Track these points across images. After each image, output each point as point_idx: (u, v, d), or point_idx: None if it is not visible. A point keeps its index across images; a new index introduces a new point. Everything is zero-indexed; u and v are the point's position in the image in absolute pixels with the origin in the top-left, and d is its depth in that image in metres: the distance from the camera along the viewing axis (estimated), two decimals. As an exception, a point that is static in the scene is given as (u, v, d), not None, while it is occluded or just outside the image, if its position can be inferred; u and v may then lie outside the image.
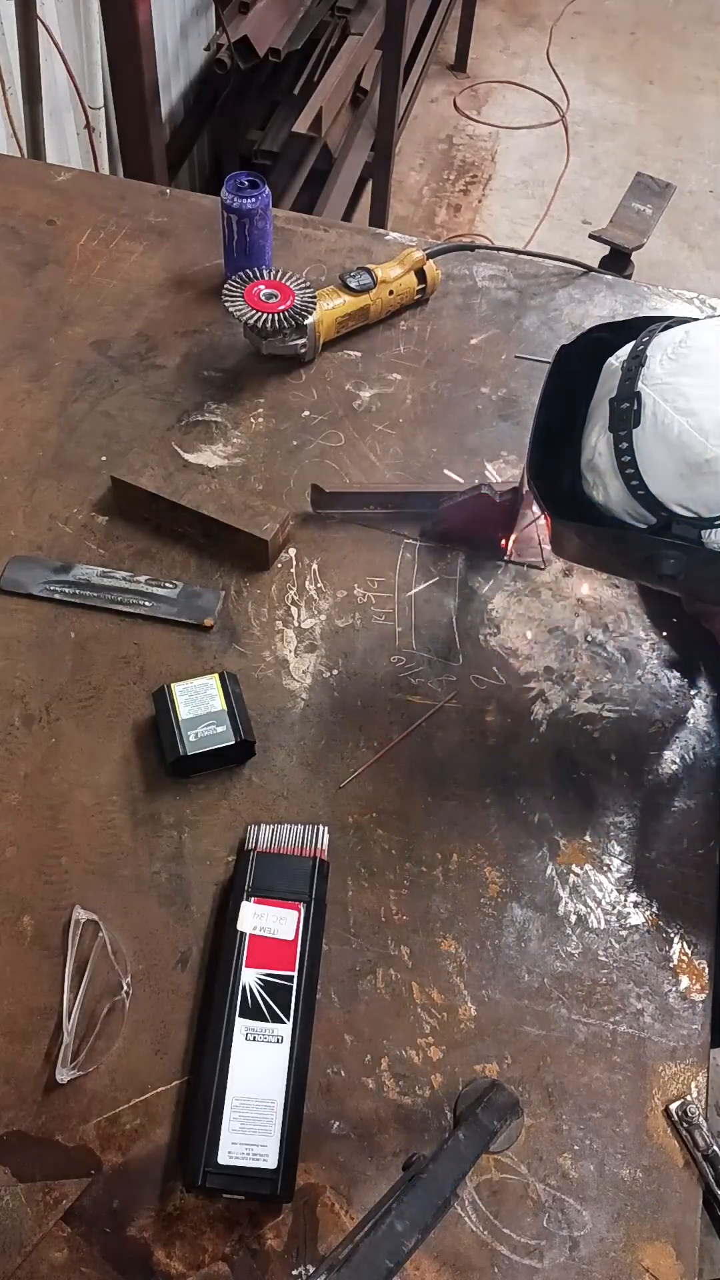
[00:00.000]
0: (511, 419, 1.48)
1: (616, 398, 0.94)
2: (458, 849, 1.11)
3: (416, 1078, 0.98)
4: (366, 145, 3.18)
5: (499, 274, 1.66)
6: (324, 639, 1.25)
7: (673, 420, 0.90)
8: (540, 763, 1.17)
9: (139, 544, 1.32)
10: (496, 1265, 0.90)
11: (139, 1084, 0.96)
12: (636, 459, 0.93)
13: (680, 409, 0.90)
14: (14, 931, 1.03)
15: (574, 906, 1.08)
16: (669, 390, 0.91)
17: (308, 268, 1.63)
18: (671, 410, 0.90)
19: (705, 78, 4.37)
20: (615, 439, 0.94)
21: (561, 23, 4.56)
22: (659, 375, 0.92)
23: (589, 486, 0.99)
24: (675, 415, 0.90)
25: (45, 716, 1.17)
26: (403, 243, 1.66)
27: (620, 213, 1.80)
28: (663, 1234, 0.92)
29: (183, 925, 1.05)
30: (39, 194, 1.72)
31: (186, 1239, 0.90)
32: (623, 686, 1.23)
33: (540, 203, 3.81)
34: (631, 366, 0.94)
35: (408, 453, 1.43)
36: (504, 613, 1.29)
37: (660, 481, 0.92)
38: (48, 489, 1.36)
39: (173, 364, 1.51)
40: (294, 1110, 0.91)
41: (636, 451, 0.92)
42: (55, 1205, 0.90)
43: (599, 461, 0.96)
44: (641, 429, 0.92)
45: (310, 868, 1.04)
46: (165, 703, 1.14)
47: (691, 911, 1.08)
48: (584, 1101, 0.97)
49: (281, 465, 1.40)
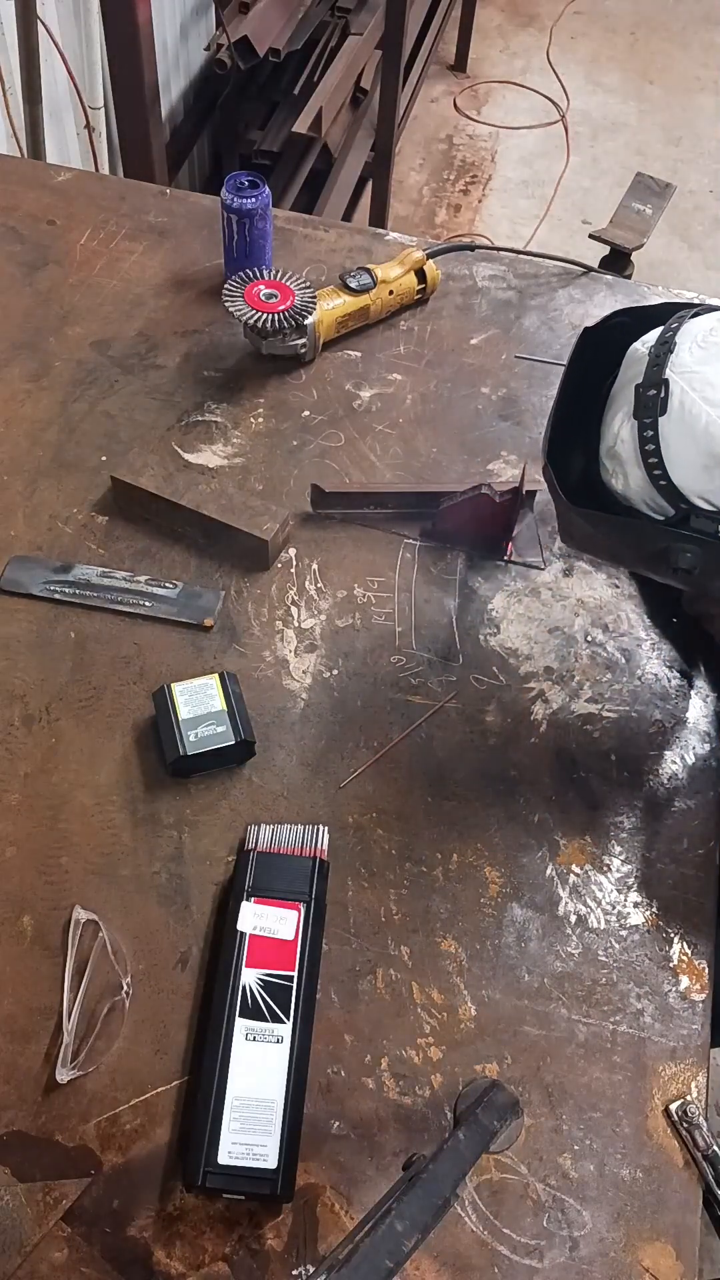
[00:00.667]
0: (511, 419, 1.48)
1: (643, 384, 0.92)
2: (458, 849, 1.11)
3: (416, 1078, 0.98)
4: (366, 145, 3.18)
5: (499, 274, 1.66)
6: (324, 639, 1.25)
7: (701, 410, 0.88)
8: (540, 763, 1.17)
9: (139, 544, 1.32)
10: (496, 1265, 0.90)
11: (139, 1084, 0.96)
12: (661, 448, 0.90)
13: (709, 399, 0.88)
14: (14, 931, 1.03)
15: (574, 906, 1.08)
16: (697, 379, 0.89)
17: (308, 268, 1.63)
18: (700, 400, 0.88)
19: (705, 78, 4.37)
20: (640, 426, 0.91)
21: (561, 23, 4.56)
22: (688, 363, 0.90)
23: (607, 474, 0.97)
24: (703, 405, 0.88)
25: (45, 716, 1.17)
26: (403, 243, 1.66)
27: (620, 213, 1.80)
28: (663, 1234, 0.92)
29: (183, 925, 1.05)
30: (39, 194, 1.72)
31: (186, 1239, 0.90)
32: (623, 686, 1.23)
33: (540, 203, 3.81)
34: (659, 352, 0.92)
35: (408, 453, 1.43)
36: (504, 613, 1.29)
37: (684, 472, 0.90)
38: (48, 489, 1.36)
39: (173, 364, 1.51)
40: (294, 1110, 0.91)
41: (661, 440, 0.90)
42: (55, 1205, 0.90)
43: (621, 449, 0.94)
44: (668, 417, 0.90)
45: (310, 868, 1.04)
46: (165, 703, 1.14)
47: (691, 911, 1.08)
48: (584, 1101, 0.97)
49: (281, 465, 1.40)
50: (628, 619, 1.29)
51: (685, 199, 3.75)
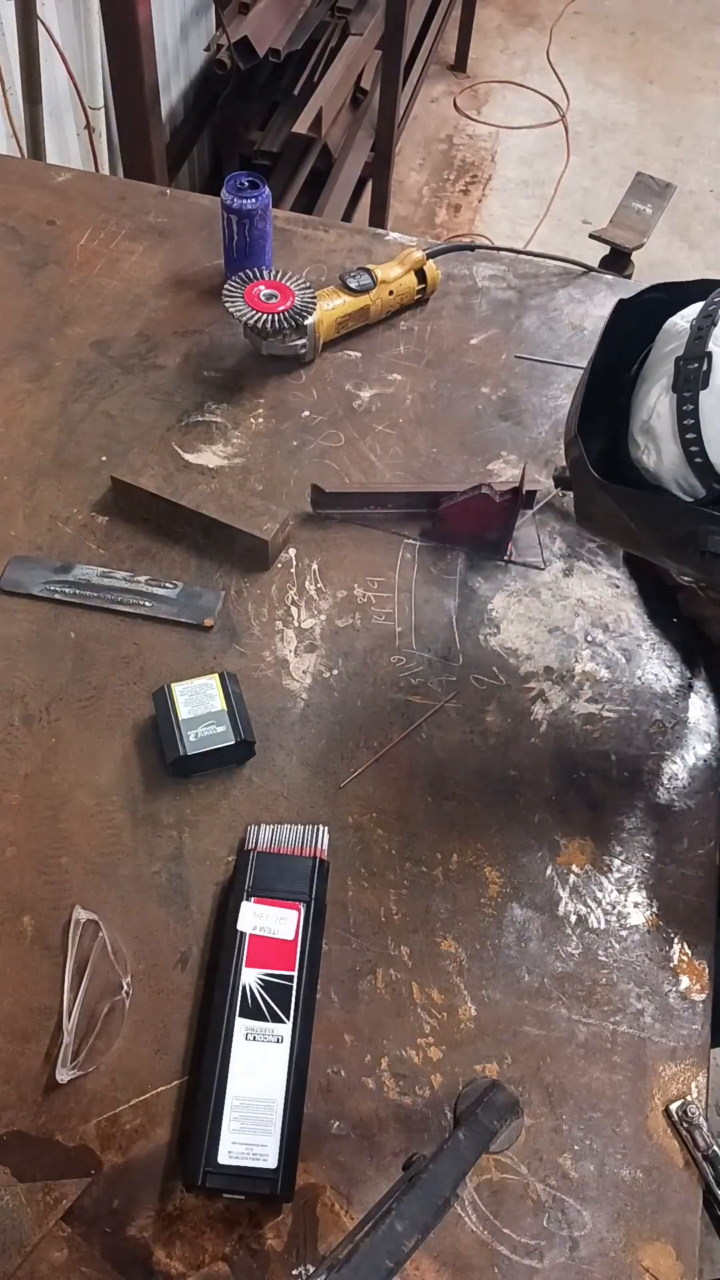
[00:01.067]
0: (511, 419, 1.48)
1: (684, 356, 0.89)
2: (458, 849, 1.11)
3: (416, 1078, 0.98)
4: (366, 145, 3.18)
5: (499, 274, 1.66)
6: (324, 639, 1.25)
7: None
8: (540, 763, 1.17)
9: (139, 544, 1.32)
10: (496, 1265, 0.90)
11: (139, 1084, 0.96)
12: (700, 423, 0.88)
13: None
14: (14, 931, 1.03)
15: (574, 906, 1.08)
16: None
17: (308, 268, 1.63)
18: None
19: (705, 78, 4.37)
20: (679, 400, 0.89)
21: (561, 23, 4.56)
22: None
23: (638, 450, 0.95)
24: None
25: (45, 716, 1.17)
26: (403, 243, 1.66)
27: (620, 213, 1.80)
28: (663, 1234, 0.92)
29: (183, 925, 1.05)
30: (39, 194, 1.72)
31: (186, 1239, 0.90)
32: (623, 686, 1.23)
33: (540, 203, 3.81)
34: (702, 325, 0.89)
35: (408, 453, 1.43)
36: (504, 613, 1.29)
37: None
38: (48, 489, 1.36)
39: (173, 364, 1.51)
40: (294, 1110, 0.91)
41: (701, 415, 0.88)
42: (55, 1205, 0.90)
43: (656, 424, 0.91)
44: (710, 390, 0.87)
45: (310, 868, 1.04)
46: (165, 703, 1.14)
47: (691, 911, 1.08)
48: (584, 1101, 0.97)
49: (281, 465, 1.40)
50: (628, 619, 1.29)
51: (685, 199, 3.75)
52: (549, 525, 1.36)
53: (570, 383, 1.52)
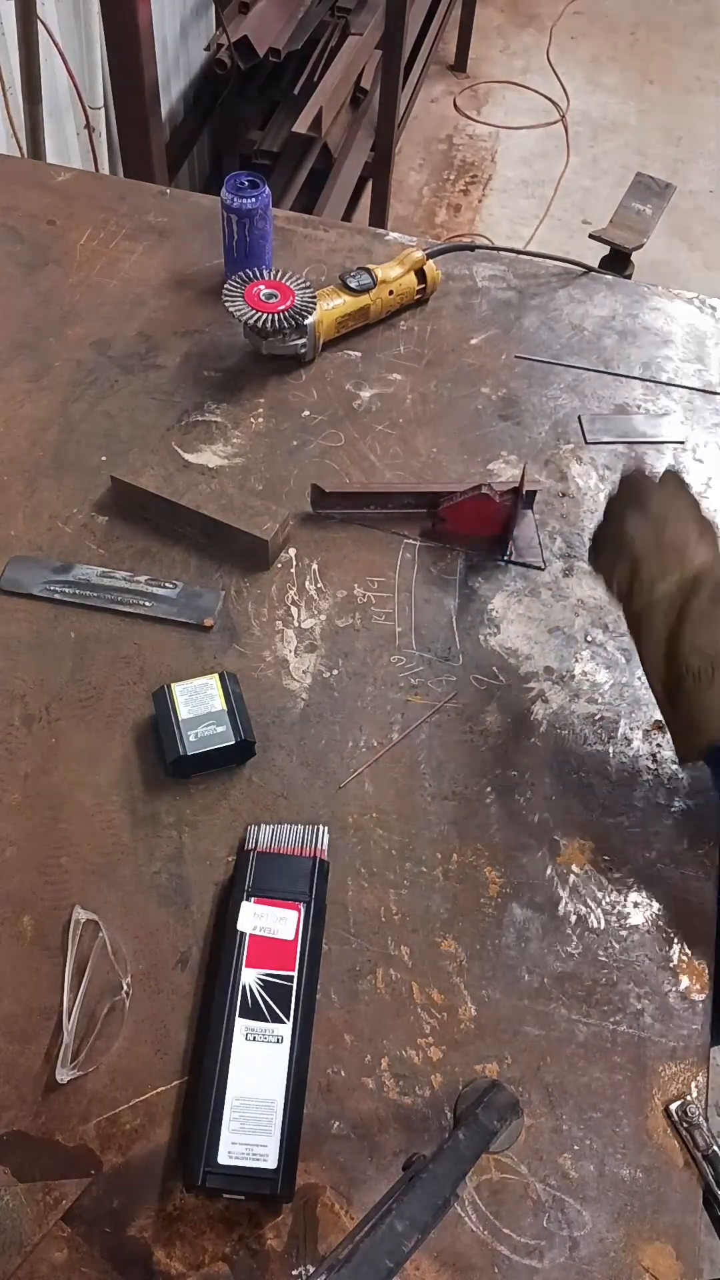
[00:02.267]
0: (511, 419, 1.48)
1: None
2: (458, 849, 1.11)
3: (416, 1078, 0.98)
4: (366, 145, 3.19)
5: (499, 274, 1.66)
6: (324, 639, 1.25)
7: None
8: (540, 763, 1.17)
9: (139, 544, 1.32)
10: (496, 1265, 0.90)
11: (139, 1084, 0.96)
12: None
13: None
14: (14, 931, 1.03)
15: (574, 906, 1.08)
16: None
17: (308, 268, 1.63)
18: None
19: (705, 78, 4.37)
20: None
21: (561, 23, 4.56)
22: None
23: None
24: None
25: (45, 716, 1.17)
26: (403, 243, 1.66)
27: (620, 213, 1.80)
28: (663, 1234, 0.92)
29: (183, 925, 1.05)
30: (39, 194, 1.72)
31: (186, 1239, 0.90)
32: (623, 687, 1.23)
33: (540, 203, 3.81)
34: None
35: (408, 453, 1.43)
36: (504, 613, 1.29)
37: None
38: (48, 489, 1.36)
39: (173, 364, 1.51)
40: (294, 1110, 0.91)
41: None
42: (55, 1205, 0.90)
43: None
44: None
45: (310, 868, 1.04)
46: (165, 703, 1.14)
47: (691, 912, 1.08)
48: (584, 1101, 0.97)
49: (281, 465, 1.40)
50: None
51: (685, 199, 3.75)
52: (549, 525, 1.36)
53: (570, 383, 1.52)
